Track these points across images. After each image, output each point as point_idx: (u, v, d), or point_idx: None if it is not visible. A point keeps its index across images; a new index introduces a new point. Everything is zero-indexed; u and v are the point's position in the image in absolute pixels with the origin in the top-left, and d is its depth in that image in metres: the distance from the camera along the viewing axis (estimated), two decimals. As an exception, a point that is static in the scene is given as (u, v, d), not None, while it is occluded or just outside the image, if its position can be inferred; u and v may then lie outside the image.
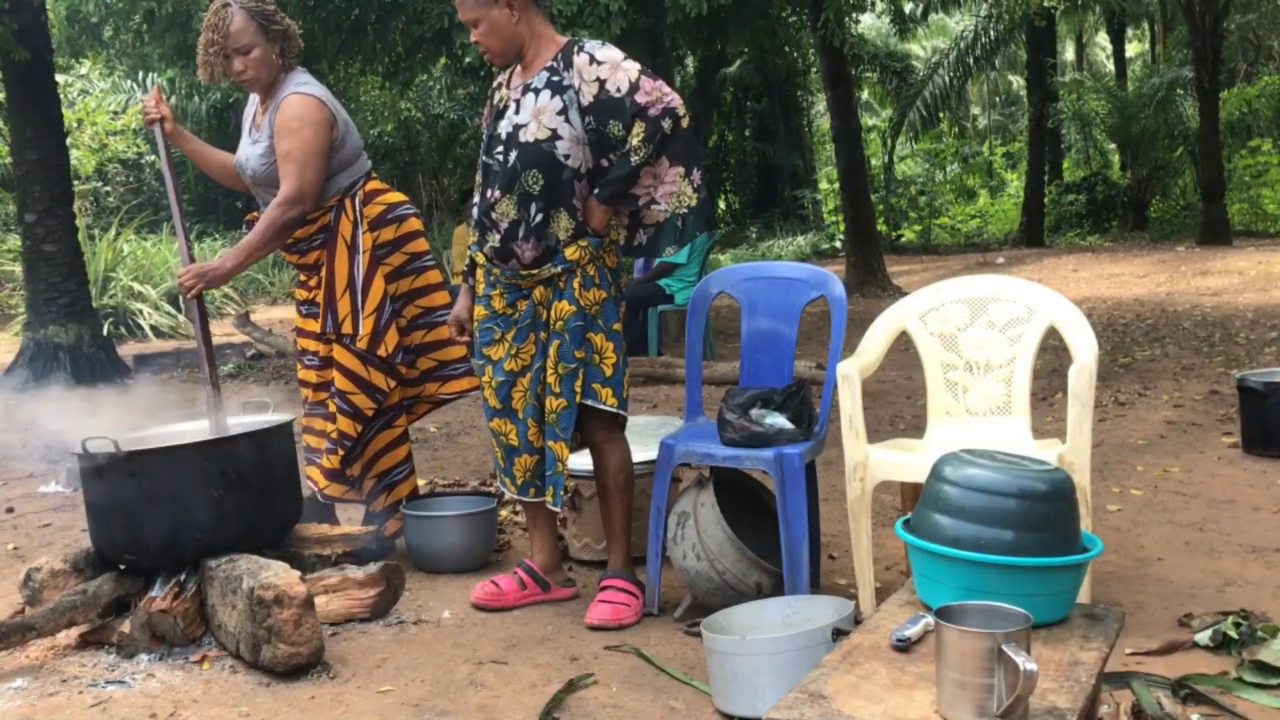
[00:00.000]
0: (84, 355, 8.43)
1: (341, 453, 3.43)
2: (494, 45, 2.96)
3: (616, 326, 3.06)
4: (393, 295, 3.46)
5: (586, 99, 2.89)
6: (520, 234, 2.95)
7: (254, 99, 3.50)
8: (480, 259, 3.10)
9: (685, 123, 2.90)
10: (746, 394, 3.08)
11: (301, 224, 3.35)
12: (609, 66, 2.89)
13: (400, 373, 3.47)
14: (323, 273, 3.42)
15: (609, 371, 3.02)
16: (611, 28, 7.58)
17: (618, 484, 3.10)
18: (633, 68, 2.90)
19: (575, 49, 2.94)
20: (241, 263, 3.39)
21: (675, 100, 2.88)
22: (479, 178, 3.10)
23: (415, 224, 3.53)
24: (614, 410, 3.04)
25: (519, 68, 3.04)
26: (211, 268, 3.31)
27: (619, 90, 2.87)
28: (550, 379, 3.00)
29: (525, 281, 3.01)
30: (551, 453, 3.03)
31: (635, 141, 2.86)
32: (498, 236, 2.99)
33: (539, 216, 2.93)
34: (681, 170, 2.91)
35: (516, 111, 2.96)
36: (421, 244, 3.55)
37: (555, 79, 2.92)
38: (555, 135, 2.90)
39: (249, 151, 3.42)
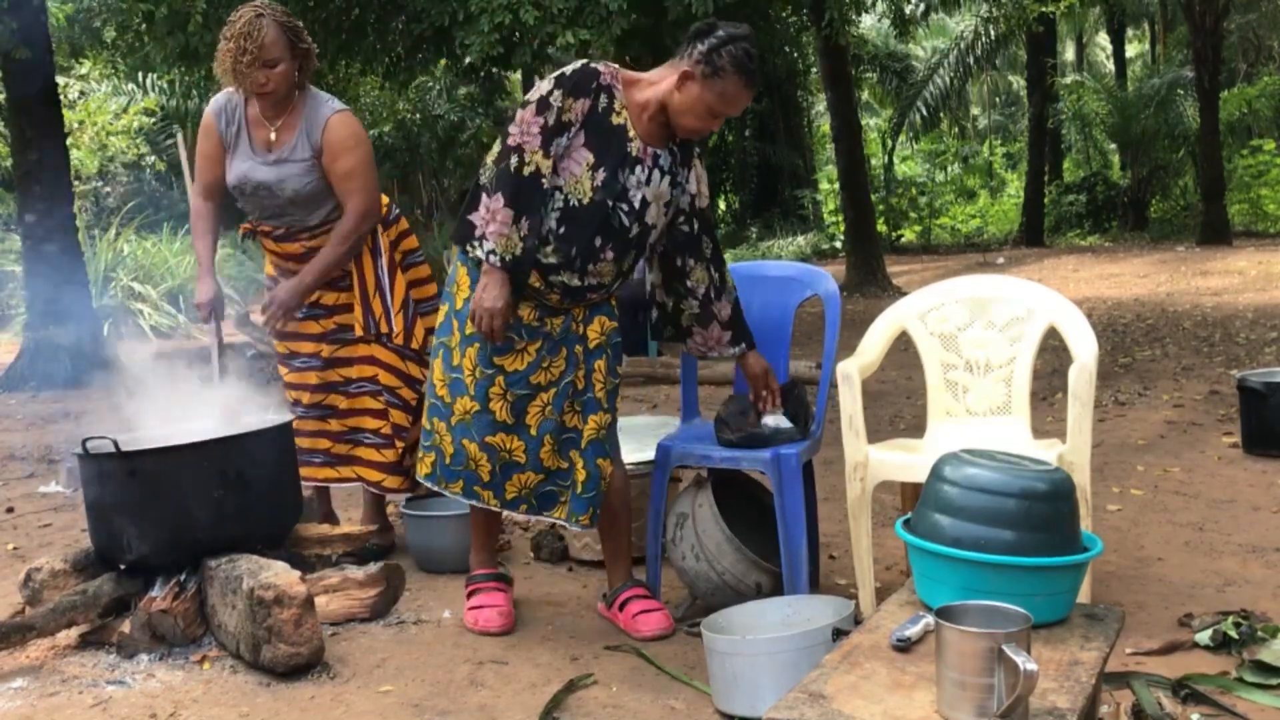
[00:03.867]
0: (84, 355, 8.44)
1: (401, 445, 3.51)
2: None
3: None
4: None
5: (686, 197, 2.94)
6: (602, 292, 2.88)
7: (239, 112, 3.41)
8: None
9: None
10: (745, 399, 3.08)
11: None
12: (697, 176, 2.95)
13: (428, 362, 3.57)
14: (351, 277, 3.47)
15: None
16: (612, 28, 7.58)
17: (623, 501, 3.03)
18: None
19: (695, 151, 2.94)
20: (319, 279, 3.41)
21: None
22: (582, 208, 2.76)
23: (406, 223, 3.65)
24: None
25: (643, 116, 2.80)
26: (292, 293, 3.37)
27: (697, 193, 2.97)
28: (600, 394, 2.90)
29: (571, 305, 2.89)
30: (598, 470, 2.91)
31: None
32: (577, 281, 2.80)
33: (619, 282, 2.92)
34: None
35: (647, 182, 2.80)
36: (413, 241, 3.66)
37: (671, 162, 2.86)
38: (655, 223, 2.88)
39: (283, 172, 3.36)
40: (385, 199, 3.58)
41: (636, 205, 2.80)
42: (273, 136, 3.38)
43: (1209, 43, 15.53)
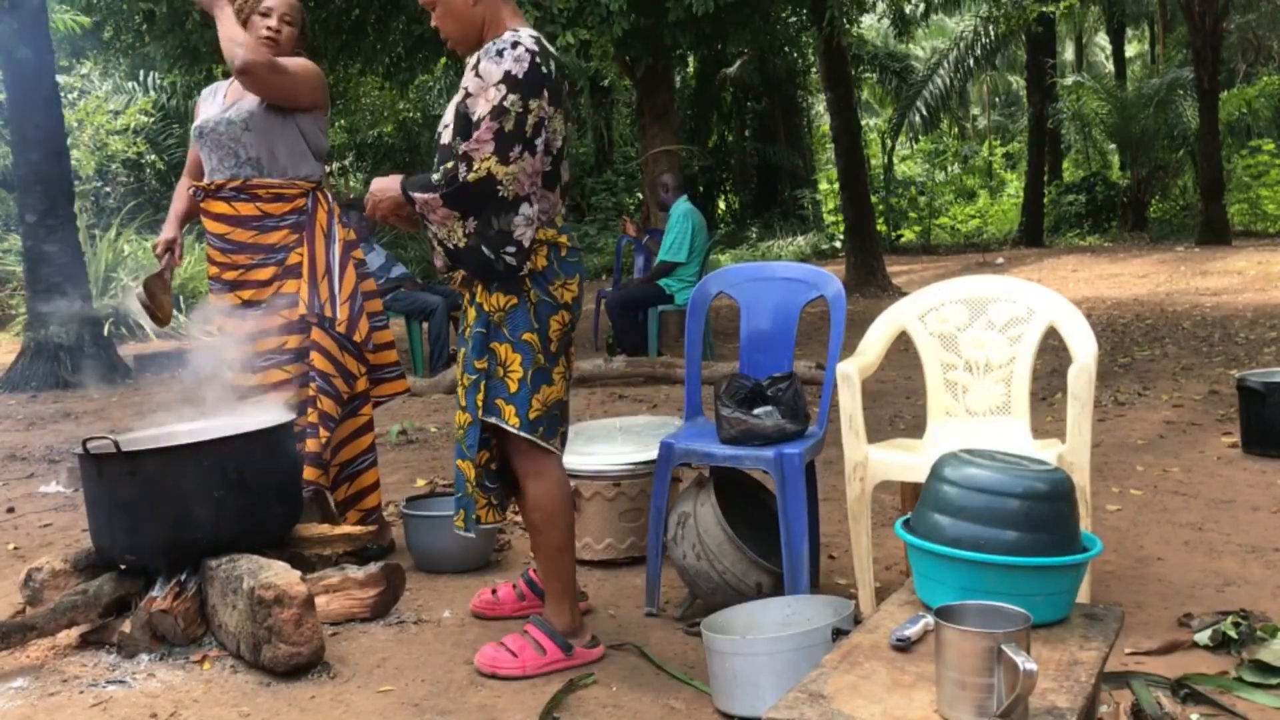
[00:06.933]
0: (84, 355, 8.44)
1: (325, 435, 3.43)
2: (452, 31, 2.68)
3: (527, 337, 2.62)
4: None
5: (457, 98, 2.61)
6: (452, 242, 2.62)
7: (220, 91, 3.62)
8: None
9: (474, 179, 2.52)
10: (739, 387, 3.08)
11: (267, 84, 3.36)
12: (480, 84, 2.53)
13: (369, 360, 3.58)
14: (300, 256, 3.46)
15: (514, 387, 2.62)
16: (612, 28, 7.58)
17: (534, 522, 2.72)
18: (494, 98, 2.51)
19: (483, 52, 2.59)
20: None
21: (481, 161, 2.51)
22: None
23: (354, 235, 3.68)
24: (517, 431, 2.62)
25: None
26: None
27: (472, 114, 2.54)
28: (458, 391, 2.71)
29: (459, 286, 2.74)
30: (458, 472, 2.71)
31: (443, 169, 2.57)
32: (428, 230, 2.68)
33: (457, 229, 2.64)
34: (458, 215, 2.56)
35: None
36: (359, 252, 3.66)
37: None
38: (454, 134, 2.62)
39: (241, 104, 3.44)
40: (337, 207, 3.62)
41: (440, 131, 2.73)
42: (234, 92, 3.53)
43: (1209, 43, 15.55)
